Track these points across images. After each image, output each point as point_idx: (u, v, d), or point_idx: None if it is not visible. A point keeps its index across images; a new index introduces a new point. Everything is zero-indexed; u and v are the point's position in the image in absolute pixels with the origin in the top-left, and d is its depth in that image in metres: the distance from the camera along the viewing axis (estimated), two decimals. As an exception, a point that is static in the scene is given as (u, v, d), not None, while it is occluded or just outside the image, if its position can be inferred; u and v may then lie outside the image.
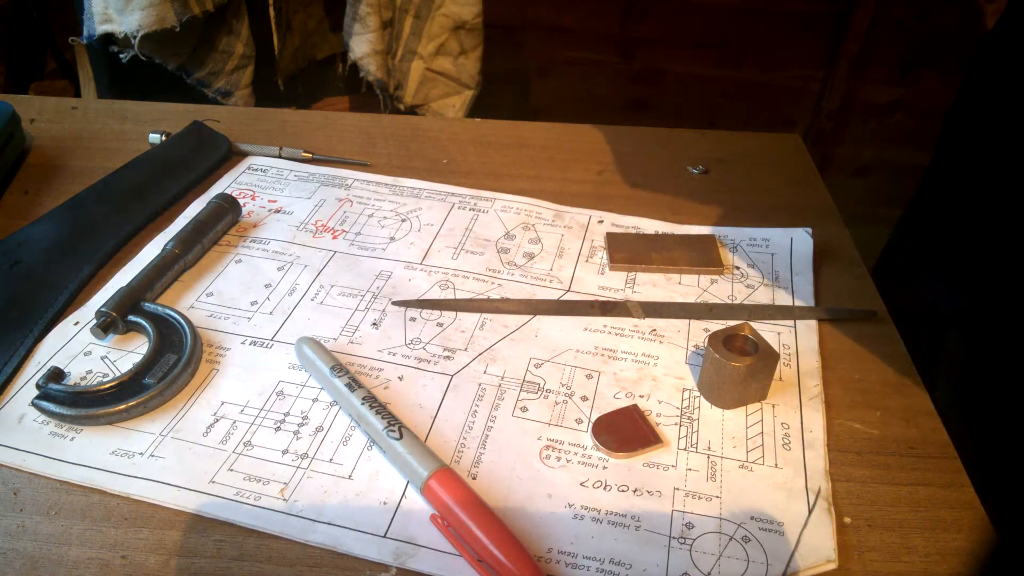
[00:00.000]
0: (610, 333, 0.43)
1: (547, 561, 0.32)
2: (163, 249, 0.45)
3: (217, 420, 0.37)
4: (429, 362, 0.41)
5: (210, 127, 0.59)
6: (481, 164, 0.58)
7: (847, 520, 0.34)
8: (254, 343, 0.41)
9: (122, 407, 0.36)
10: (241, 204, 0.51)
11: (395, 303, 0.44)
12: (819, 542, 0.32)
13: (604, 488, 0.35)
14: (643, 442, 0.36)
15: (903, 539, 0.33)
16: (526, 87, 1.48)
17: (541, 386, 0.40)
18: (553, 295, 0.46)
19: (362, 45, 0.99)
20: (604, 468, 0.35)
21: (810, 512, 0.34)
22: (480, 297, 0.45)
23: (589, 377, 0.40)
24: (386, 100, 1.06)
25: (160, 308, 0.42)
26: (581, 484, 0.35)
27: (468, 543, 0.31)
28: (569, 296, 0.46)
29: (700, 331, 0.43)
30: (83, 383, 0.39)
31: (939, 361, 0.43)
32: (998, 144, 0.51)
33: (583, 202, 0.54)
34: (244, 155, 0.58)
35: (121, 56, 0.87)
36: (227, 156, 0.57)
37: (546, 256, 0.49)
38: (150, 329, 0.40)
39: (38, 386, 0.37)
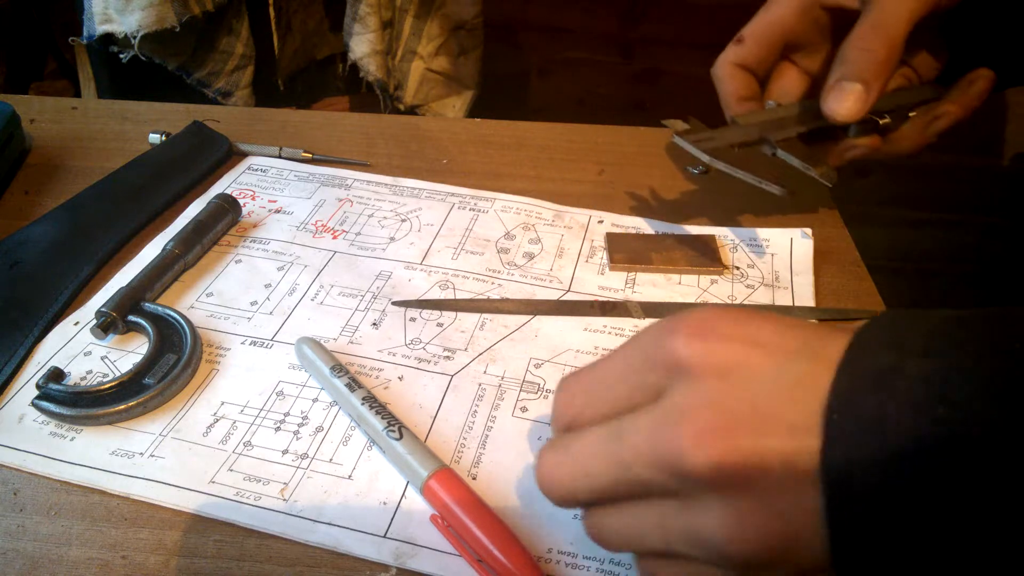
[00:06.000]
0: (610, 333, 0.43)
1: (547, 561, 0.32)
2: (163, 249, 0.45)
3: (217, 420, 0.37)
4: (429, 362, 0.41)
5: (210, 127, 0.59)
6: (481, 164, 0.58)
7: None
8: (254, 343, 0.41)
9: (122, 407, 0.36)
10: (241, 204, 0.50)
11: (395, 303, 0.44)
12: (819, 542, 0.32)
13: (604, 488, 0.35)
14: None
15: (903, 539, 0.33)
16: (526, 87, 1.48)
17: (541, 386, 0.40)
18: (553, 295, 0.46)
19: (362, 45, 0.99)
20: (604, 468, 0.35)
21: (810, 512, 0.34)
22: (480, 297, 0.45)
23: (589, 377, 0.40)
24: (386, 100, 1.06)
25: (160, 308, 0.42)
26: (581, 484, 0.35)
27: (468, 543, 0.31)
28: (569, 296, 0.46)
29: (700, 331, 0.43)
30: (83, 383, 0.39)
31: None
32: None
33: (583, 202, 0.54)
34: (244, 155, 0.58)
35: (121, 56, 0.87)
36: (227, 156, 0.57)
37: (546, 256, 0.49)
38: (150, 329, 0.40)
39: (38, 386, 0.37)
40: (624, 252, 0.48)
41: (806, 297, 0.46)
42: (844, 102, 0.39)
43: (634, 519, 0.26)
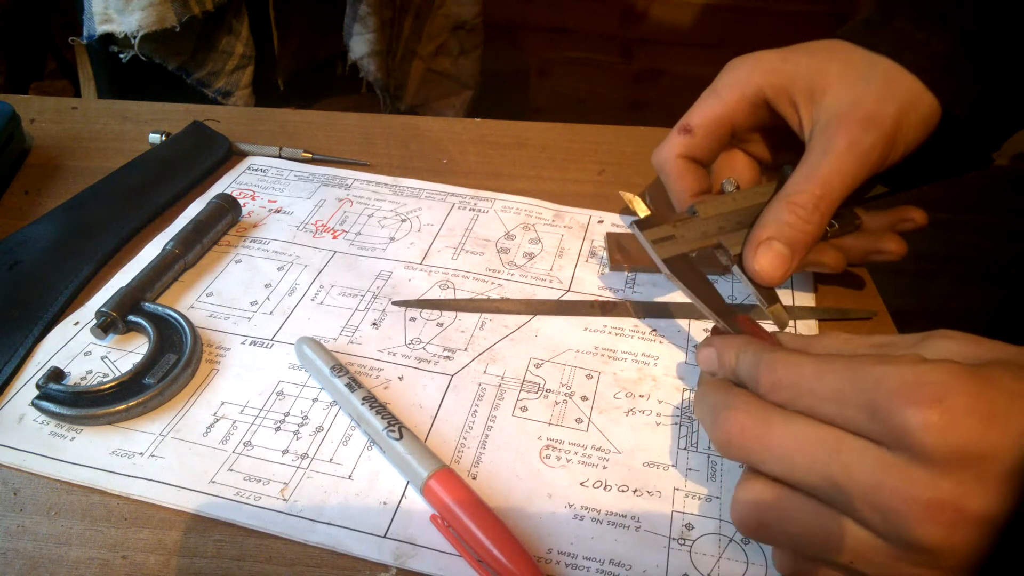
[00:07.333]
0: (610, 333, 0.43)
1: (547, 562, 0.32)
2: (163, 249, 0.45)
3: (217, 420, 0.37)
4: (429, 362, 0.41)
5: (210, 127, 0.59)
6: (481, 164, 0.58)
7: (847, 520, 0.34)
8: (254, 343, 0.41)
9: (122, 407, 0.36)
10: (241, 204, 0.51)
11: (395, 303, 0.44)
12: (819, 542, 0.32)
13: (604, 488, 0.35)
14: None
15: (903, 539, 0.33)
16: (526, 87, 1.48)
17: (541, 386, 0.40)
18: (553, 295, 0.46)
19: (362, 45, 0.99)
20: (604, 468, 0.35)
21: (810, 512, 0.34)
22: (480, 297, 0.45)
23: (589, 377, 0.40)
24: (386, 100, 1.07)
25: (160, 308, 0.42)
26: (581, 484, 0.35)
27: (468, 543, 0.31)
28: (569, 296, 0.46)
29: (700, 331, 0.43)
30: (83, 383, 0.39)
31: None
32: None
33: (583, 202, 0.54)
34: (244, 155, 0.58)
35: (121, 56, 0.88)
36: (227, 156, 0.57)
37: (546, 256, 0.49)
38: (150, 329, 0.40)
39: (38, 386, 0.37)
40: (624, 252, 0.48)
41: (806, 297, 0.46)
42: (761, 262, 0.38)
43: (811, 524, 0.27)
